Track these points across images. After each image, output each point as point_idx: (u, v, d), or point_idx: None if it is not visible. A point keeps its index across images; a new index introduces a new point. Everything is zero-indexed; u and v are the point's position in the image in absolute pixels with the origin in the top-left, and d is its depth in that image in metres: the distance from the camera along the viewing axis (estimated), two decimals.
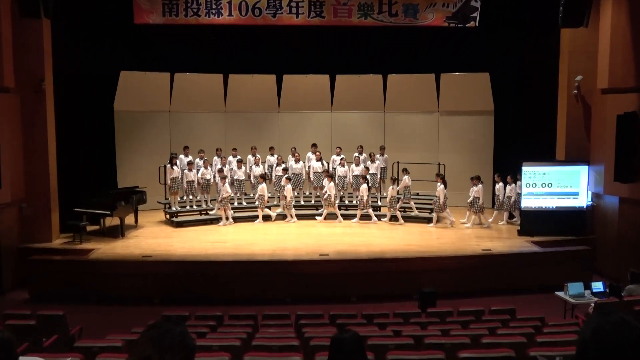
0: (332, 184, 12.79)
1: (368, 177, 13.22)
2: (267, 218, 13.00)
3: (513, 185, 12.27)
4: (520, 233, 11.53)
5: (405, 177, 12.85)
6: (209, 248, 10.64)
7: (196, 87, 15.06)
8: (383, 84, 15.36)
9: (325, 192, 12.87)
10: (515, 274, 10.12)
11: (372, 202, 13.63)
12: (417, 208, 13.24)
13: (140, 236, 11.69)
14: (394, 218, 12.69)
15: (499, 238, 11.39)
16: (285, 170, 13.22)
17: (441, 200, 12.21)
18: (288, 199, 12.73)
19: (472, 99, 14.90)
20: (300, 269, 9.75)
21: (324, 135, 15.39)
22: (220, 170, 12.76)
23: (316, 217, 13.13)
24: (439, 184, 12.30)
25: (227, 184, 12.54)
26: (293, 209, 12.96)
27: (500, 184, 12.54)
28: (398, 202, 12.90)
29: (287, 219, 12.92)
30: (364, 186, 12.72)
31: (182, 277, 9.69)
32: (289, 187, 12.76)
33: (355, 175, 13.40)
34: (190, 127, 15.11)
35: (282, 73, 15.28)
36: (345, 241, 11.16)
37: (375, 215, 12.91)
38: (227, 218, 12.60)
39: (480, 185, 12.26)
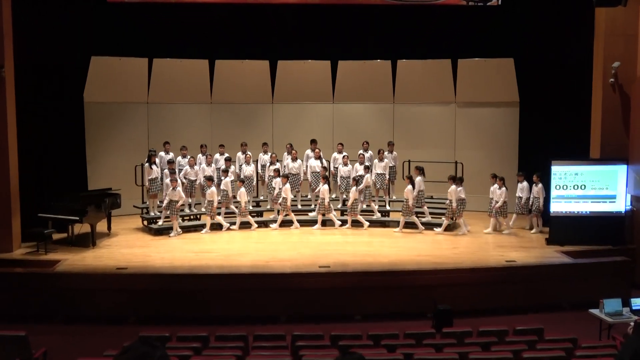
0: (326, 186, 12.79)
1: (372, 177, 13.20)
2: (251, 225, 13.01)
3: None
4: (549, 242, 11.53)
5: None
6: (192, 259, 10.64)
7: (178, 75, 15.07)
8: (392, 71, 15.38)
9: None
10: (544, 288, 10.12)
11: (379, 206, 13.65)
12: (430, 213, 13.23)
13: (113, 245, 11.68)
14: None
15: (524, 247, 11.39)
16: (277, 171, 13.22)
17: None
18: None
19: (494, 88, 14.92)
20: (297, 282, 9.75)
21: (324, 130, 15.39)
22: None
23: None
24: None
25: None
26: (292, 214, 12.97)
27: (524, 183, 12.53)
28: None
29: (292, 225, 12.94)
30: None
31: (161, 293, 9.69)
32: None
33: (360, 175, 13.40)
34: (172, 120, 15.12)
35: (276, 59, 15.30)
36: (348, 251, 11.16)
37: (380, 222, 12.90)
38: (225, 225, 12.68)
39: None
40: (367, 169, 13.28)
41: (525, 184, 12.52)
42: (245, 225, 12.93)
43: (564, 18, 12.93)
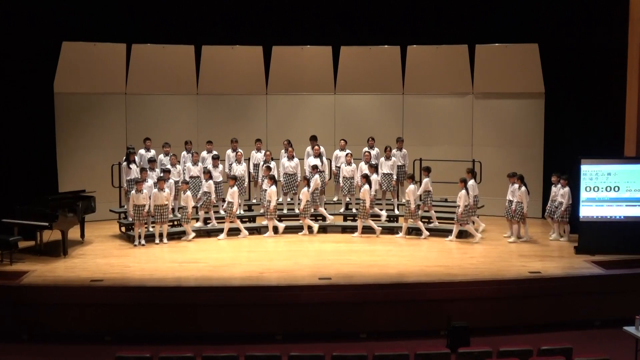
0: (366, 187, 12.83)
1: (377, 178, 13.23)
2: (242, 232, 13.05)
3: (567, 188, 12.30)
4: (578, 250, 11.55)
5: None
6: (176, 270, 10.66)
7: (160, 62, 15.10)
8: (401, 57, 15.41)
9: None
10: (572, 303, 10.13)
11: (387, 210, 13.67)
12: (444, 218, 13.25)
13: (88, 254, 11.70)
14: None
15: (550, 257, 11.41)
16: (269, 169, 13.25)
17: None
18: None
19: (517, 78, 14.95)
20: (295, 296, 9.76)
21: (324, 125, 15.42)
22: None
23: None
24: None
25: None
26: (275, 219, 13.03)
27: (559, 185, 12.54)
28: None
29: (267, 232, 13.06)
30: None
31: (142, 308, 9.70)
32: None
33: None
34: (153, 113, 15.15)
35: (270, 44, 15.33)
36: (352, 260, 11.18)
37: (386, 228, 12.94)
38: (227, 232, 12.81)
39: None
40: (374, 168, 13.31)
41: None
42: (233, 232, 12.96)
43: None
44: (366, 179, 12.92)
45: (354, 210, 13.73)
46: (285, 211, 13.83)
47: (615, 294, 10.20)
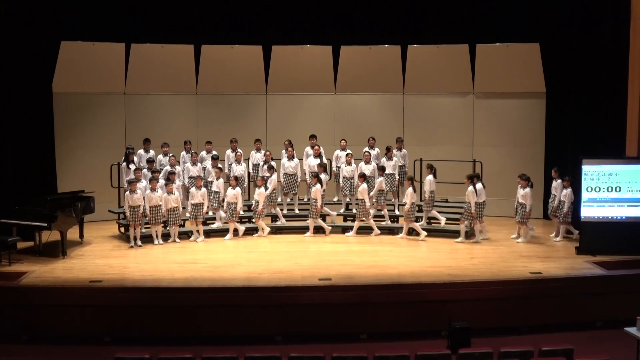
0: (318, 186, 12.88)
1: (382, 178, 13.24)
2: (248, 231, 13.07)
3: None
4: (579, 251, 11.56)
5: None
6: (176, 271, 10.67)
7: (159, 62, 15.11)
8: (402, 57, 15.42)
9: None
10: (573, 304, 10.14)
11: (388, 210, 13.67)
12: (446, 218, 13.27)
13: (86, 255, 11.72)
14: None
15: (551, 257, 11.42)
16: (271, 168, 13.25)
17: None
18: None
19: (518, 78, 14.96)
20: (295, 297, 9.77)
21: (325, 124, 15.43)
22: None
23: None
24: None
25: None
26: (262, 220, 13.06)
27: (559, 181, 12.57)
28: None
29: (258, 232, 13.09)
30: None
31: (141, 309, 9.71)
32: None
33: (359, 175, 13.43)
34: (152, 113, 15.16)
35: (270, 43, 15.34)
36: (352, 261, 11.20)
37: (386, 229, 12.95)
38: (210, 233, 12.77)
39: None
40: (382, 169, 13.25)
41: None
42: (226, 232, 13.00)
43: None
44: (364, 178, 12.93)
45: (354, 211, 13.73)
46: (285, 211, 13.84)
47: (616, 294, 10.21)
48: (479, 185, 12.46)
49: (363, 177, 12.98)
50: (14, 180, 12.87)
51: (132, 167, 12.88)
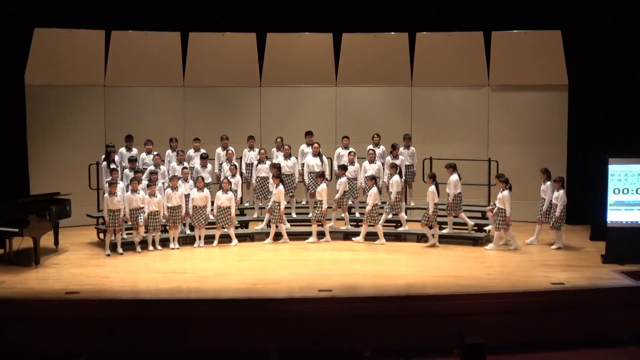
0: (323, 184, 12.90)
1: (398, 179, 13.21)
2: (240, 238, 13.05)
3: (562, 191, 12.32)
4: (606, 259, 11.54)
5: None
6: (160, 281, 10.65)
7: (142, 51, 15.11)
8: (410, 46, 15.42)
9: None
10: (599, 318, 10.11)
11: (393, 215, 13.66)
12: (460, 223, 13.26)
13: (62, 264, 11.69)
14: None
15: (574, 266, 11.40)
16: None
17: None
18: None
19: (537, 68, 14.97)
20: (291, 310, 9.74)
21: (325, 120, 15.44)
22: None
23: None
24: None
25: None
26: (286, 223, 13.08)
27: (548, 183, 12.59)
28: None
29: (278, 239, 13.08)
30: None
31: (121, 323, 9.68)
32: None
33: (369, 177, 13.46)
34: (134, 108, 15.17)
35: (265, 30, 15.34)
36: (355, 270, 11.18)
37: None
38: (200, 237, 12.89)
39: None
40: (395, 168, 13.24)
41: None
42: (223, 239, 13.00)
43: None
44: (374, 181, 12.91)
45: (357, 215, 13.72)
46: (294, 215, 13.86)
47: None
48: (453, 177, 12.64)
49: (373, 179, 12.96)
50: None
51: (113, 166, 12.86)
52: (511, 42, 15.11)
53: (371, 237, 13.10)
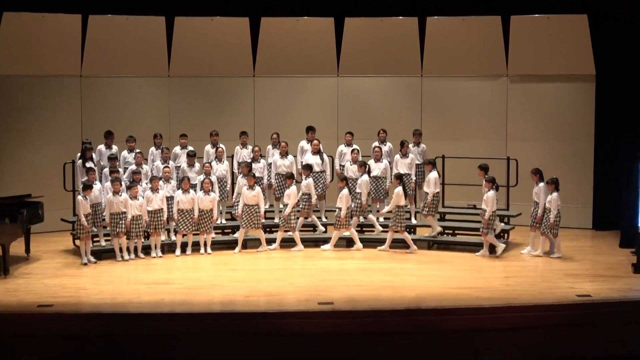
0: (345, 191, 12.85)
1: (436, 175, 13.23)
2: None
3: (555, 194, 12.29)
4: (637, 269, 11.54)
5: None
6: (144, 293, 10.64)
7: (123, 38, 15.11)
8: (420, 32, 15.41)
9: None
10: (631, 334, 10.11)
11: (405, 219, 13.67)
12: (470, 229, 13.27)
13: (34, 274, 11.67)
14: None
15: (602, 277, 11.40)
16: (248, 166, 13.19)
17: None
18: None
19: (562, 57, 14.97)
20: (288, 325, 9.73)
21: (325, 114, 15.43)
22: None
23: (322, 246, 13.33)
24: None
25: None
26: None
27: (541, 185, 12.60)
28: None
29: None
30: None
31: (100, 340, 9.68)
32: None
33: (375, 177, 13.42)
34: (114, 101, 15.15)
35: (259, 14, 15.33)
36: (359, 281, 11.17)
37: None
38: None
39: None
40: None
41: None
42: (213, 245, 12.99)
43: None
44: (400, 180, 12.91)
45: (361, 219, 13.69)
46: (277, 220, 13.80)
47: None
48: (433, 174, 12.88)
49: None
50: None
51: (90, 165, 12.84)
52: (532, 28, 15.09)
53: (374, 241, 13.11)
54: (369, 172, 13.31)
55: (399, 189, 12.80)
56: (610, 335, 10.06)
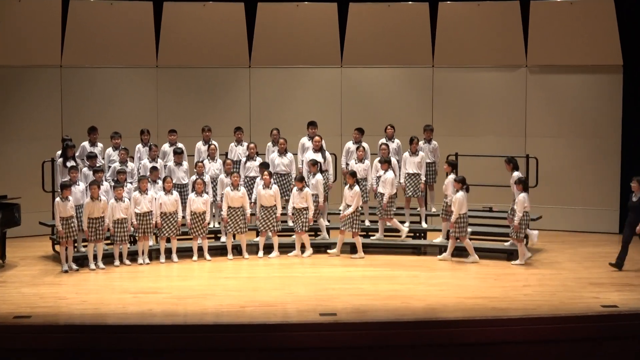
0: (356, 188, 12.91)
1: (401, 181, 13.28)
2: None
3: (523, 194, 12.28)
4: None
5: (389, 173, 12.96)
6: (129, 302, 10.65)
7: (107, 25, 15.13)
8: (431, 18, 15.42)
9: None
10: None
11: (414, 222, 13.68)
12: (487, 233, 13.28)
13: (10, 282, 11.70)
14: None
15: (629, 286, 11.41)
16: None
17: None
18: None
19: (586, 45, 14.98)
20: (288, 338, 9.76)
21: (328, 108, 15.44)
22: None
23: (328, 251, 13.44)
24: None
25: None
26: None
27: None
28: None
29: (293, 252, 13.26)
30: (356, 189, 12.95)
31: (81, 354, 9.70)
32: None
33: (379, 177, 13.44)
34: (98, 93, 15.16)
35: (255, 0, 15.32)
36: (365, 290, 11.18)
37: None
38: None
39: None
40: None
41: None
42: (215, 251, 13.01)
43: None
44: (354, 177, 13.05)
45: (366, 223, 13.71)
46: (290, 222, 13.85)
47: None
48: (389, 174, 12.96)
49: (352, 176, 13.06)
50: None
51: (71, 164, 12.85)
52: (553, 13, 15.11)
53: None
54: (322, 171, 13.45)
55: (357, 188, 12.93)
56: (639, 349, 10.09)
